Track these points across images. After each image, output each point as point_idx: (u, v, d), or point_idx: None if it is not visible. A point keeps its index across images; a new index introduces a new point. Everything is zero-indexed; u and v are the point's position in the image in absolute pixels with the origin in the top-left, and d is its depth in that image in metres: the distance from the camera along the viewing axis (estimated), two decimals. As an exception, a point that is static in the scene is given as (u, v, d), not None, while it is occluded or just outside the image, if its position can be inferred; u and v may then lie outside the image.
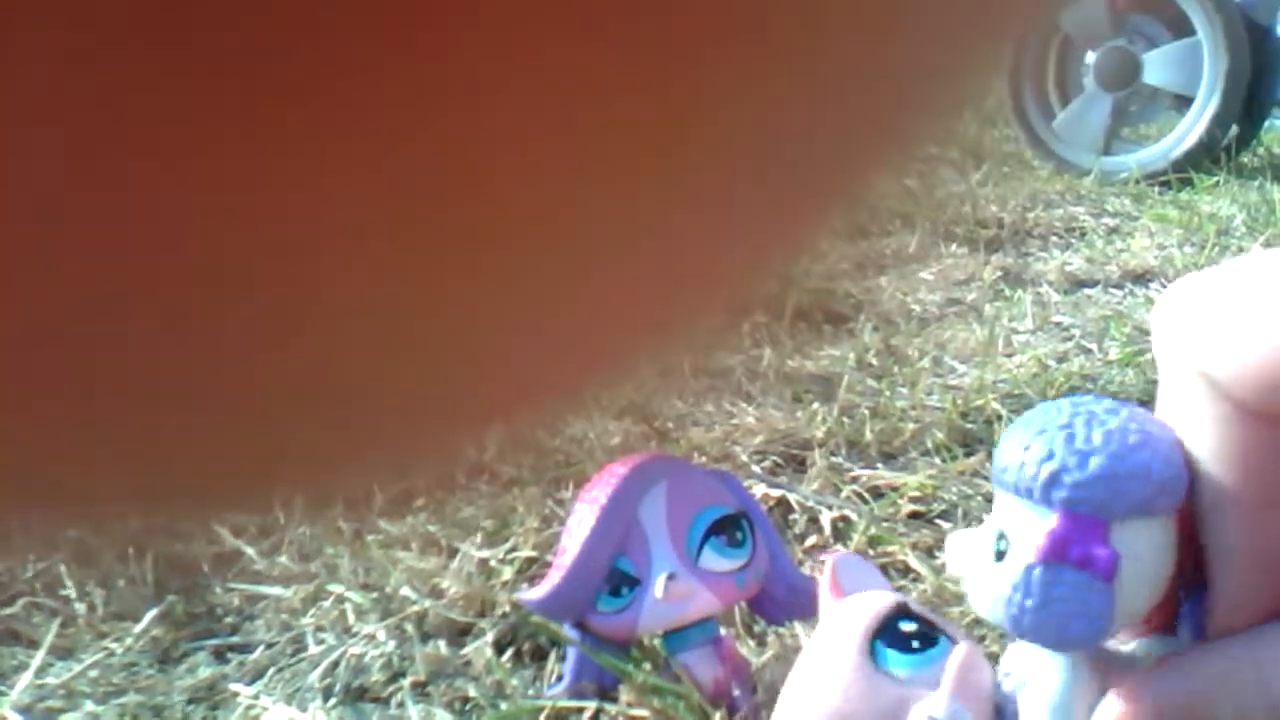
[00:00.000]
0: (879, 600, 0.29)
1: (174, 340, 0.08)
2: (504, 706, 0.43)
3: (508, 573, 0.52)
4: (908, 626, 0.28)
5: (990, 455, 0.66)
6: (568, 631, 0.41)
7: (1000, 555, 0.25)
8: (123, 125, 0.06)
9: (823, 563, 0.53)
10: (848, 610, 0.30)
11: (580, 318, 0.09)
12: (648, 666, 0.41)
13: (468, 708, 0.44)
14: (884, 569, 0.53)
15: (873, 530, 0.55)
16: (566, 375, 0.10)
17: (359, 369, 0.08)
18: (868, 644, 0.28)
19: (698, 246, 0.09)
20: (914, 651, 0.28)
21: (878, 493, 0.60)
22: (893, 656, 0.28)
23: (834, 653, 0.28)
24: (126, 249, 0.07)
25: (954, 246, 1.22)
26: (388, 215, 0.07)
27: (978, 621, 0.48)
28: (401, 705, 0.44)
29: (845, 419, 0.69)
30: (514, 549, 0.54)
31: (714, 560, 0.39)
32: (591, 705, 0.41)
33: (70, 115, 0.06)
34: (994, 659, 0.29)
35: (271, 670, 0.47)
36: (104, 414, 0.08)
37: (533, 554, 0.53)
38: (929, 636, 0.28)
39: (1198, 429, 0.24)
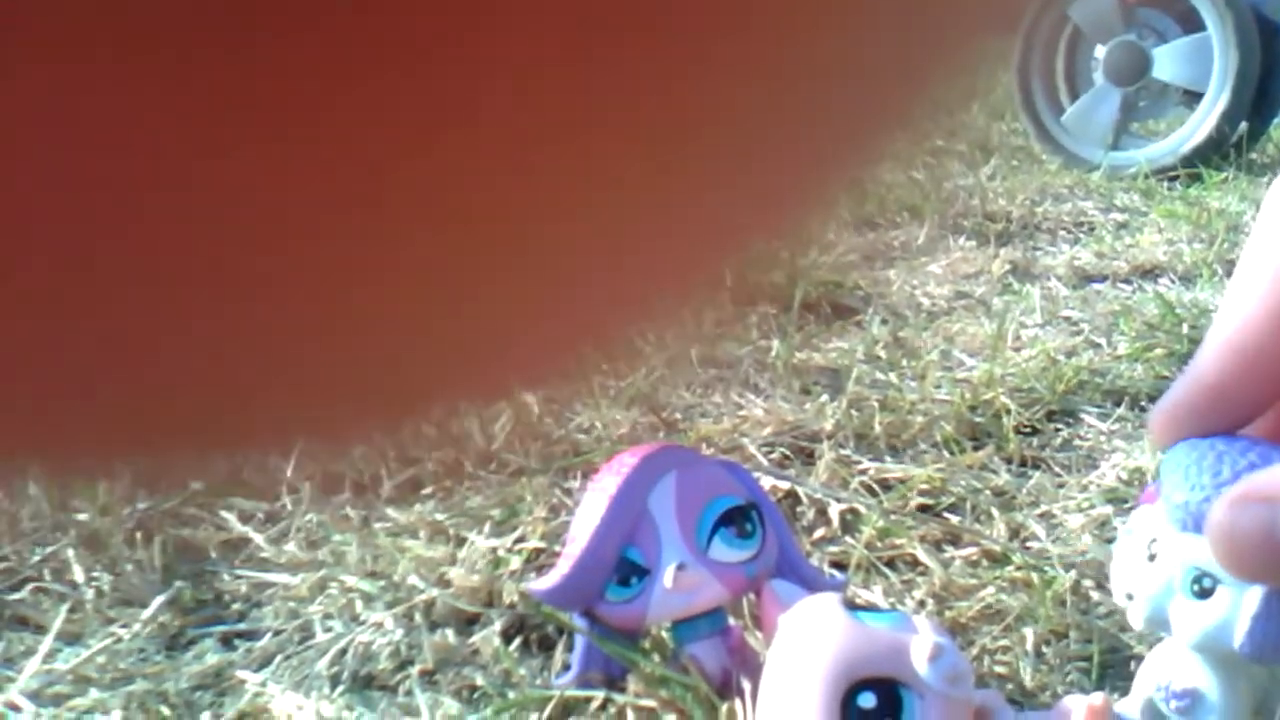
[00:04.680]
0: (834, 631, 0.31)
1: (181, 312, 0.08)
2: (511, 695, 0.43)
3: (516, 562, 0.52)
4: (867, 703, 0.30)
5: (999, 448, 0.66)
6: (576, 621, 0.41)
7: (1206, 593, 0.29)
8: (132, 126, 0.06)
9: (830, 554, 0.53)
10: (804, 633, 0.32)
11: (580, 296, 0.09)
12: (656, 657, 0.41)
13: (475, 696, 0.44)
14: (892, 562, 0.53)
15: (881, 523, 0.55)
16: (565, 353, 0.10)
17: (362, 342, 0.08)
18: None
19: (694, 229, 0.09)
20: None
21: (886, 485, 0.60)
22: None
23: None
24: (133, 237, 0.07)
25: (962, 240, 1.22)
26: (391, 199, 0.07)
27: (986, 617, 0.48)
28: (409, 693, 0.44)
29: (854, 411, 0.69)
30: (522, 538, 0.54)
31: (723, 551, 0.39)
32: (599, 695, 0.41)
33: (72, 116, 0.06)
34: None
35: (279, 657, 0.47)
36: (106, 390, 0.08)
37: (541, 543, 0.53)
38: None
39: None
